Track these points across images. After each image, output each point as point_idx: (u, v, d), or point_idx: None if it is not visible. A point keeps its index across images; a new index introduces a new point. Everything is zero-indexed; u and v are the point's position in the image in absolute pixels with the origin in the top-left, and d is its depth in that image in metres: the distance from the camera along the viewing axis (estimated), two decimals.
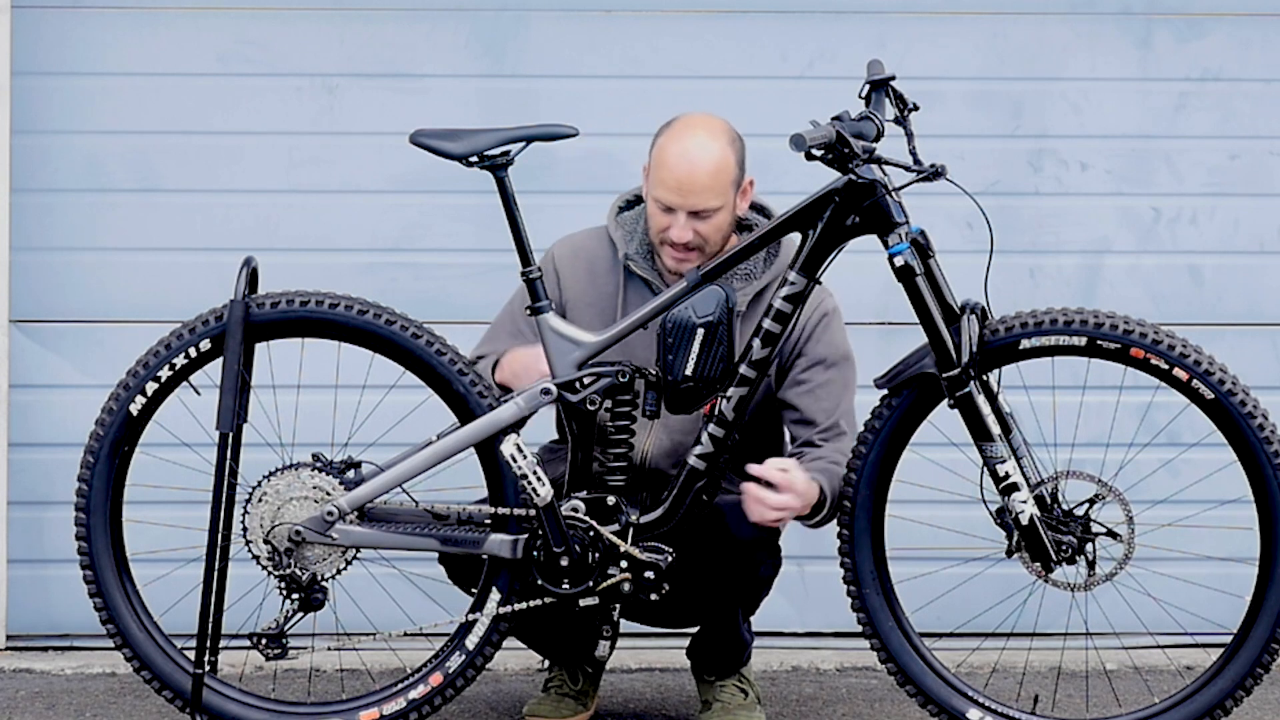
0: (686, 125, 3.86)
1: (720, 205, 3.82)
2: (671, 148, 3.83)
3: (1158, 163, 4.98)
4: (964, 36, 4.95)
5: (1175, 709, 3.77)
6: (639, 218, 4.00)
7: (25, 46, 4.86)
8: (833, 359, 3.93)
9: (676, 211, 3.82)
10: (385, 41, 4.91)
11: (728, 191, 3.83)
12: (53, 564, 4.84)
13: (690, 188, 3.80)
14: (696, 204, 3.80)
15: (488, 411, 3.79)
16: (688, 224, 3.82)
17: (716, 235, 3.85)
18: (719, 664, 4.11)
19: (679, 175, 3.80)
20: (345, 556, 3.81)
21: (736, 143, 3.87)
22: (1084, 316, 3.69)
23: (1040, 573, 3.73)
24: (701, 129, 3.85)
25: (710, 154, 3.81)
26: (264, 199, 4.91)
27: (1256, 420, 3.67)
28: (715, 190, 3.81)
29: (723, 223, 3.84)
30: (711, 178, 3.80)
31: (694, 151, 3.81)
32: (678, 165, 3.80)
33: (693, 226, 3.82)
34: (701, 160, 3.81)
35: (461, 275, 4.90)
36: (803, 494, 3.72)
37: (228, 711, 3.84)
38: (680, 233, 3.82)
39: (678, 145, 3.83)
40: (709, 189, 3.80)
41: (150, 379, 3.83)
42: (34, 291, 4.90)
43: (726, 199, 3.83)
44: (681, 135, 3.84)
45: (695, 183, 3.79)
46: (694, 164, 3.80)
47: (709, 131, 3.85)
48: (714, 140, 3.83)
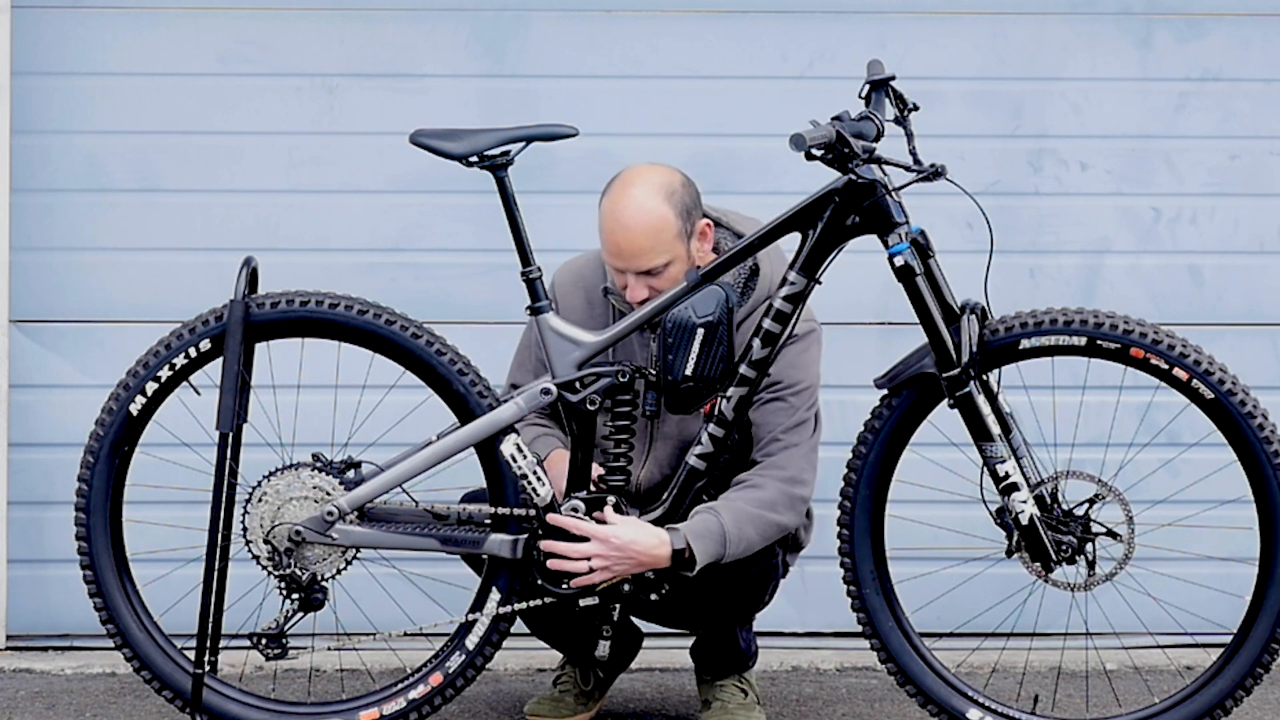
0: (623, 186, 3.79)
1: (668, 260, 3.77)
2: (608, 213, 3.78)
3: (1158, 163, 4.98)
4: (964, 36, 4.95)
5: (1175, 709, 3.77)
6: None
7: (25, 46, 4.86)
8: (789, 382, 3.89)
9: (625, 273, 3.80)
10: (385, 41, 4.91)
11: (674, 245, 3.77)
12: (53, 564, 4.84)
13: (630, 252, 3.76)
14: (641, 265, 3.77)
15: (487, 411, 3.79)
16: (640, 282, 3.79)
17: (673, 285, 3.79)
18: (719, 666, 4.11)
19: (617, 241, 3.76)
20: (345, 556, 3.81)
21: (677, 193, 3.78)
22: (1084, 316, 3.69)
23: (1040, 573, 3.73)
24: (637, 188, 3.77)
25: (645, 215, 3.75)
26: (264, 199, 4.91)
27: (1256, 420, 3.67)
28: (657, 249, 3.76)
29: (676, 274, 3.79)
30: (650, 239, 3.75)
31: (628, 216, 3.75)
32: (614, 232, 3.76)
33: (646, 283, 3.78)
34: (636, 224, 3.75)
35: (461, 275, 4.90)
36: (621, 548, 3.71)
37: (228, 711, 3.85)
38: (635, 292, 3.79)
39: (613, 210, 3.77)
40: (650, 250, 3.76)
41: (150, 379, 3.83)
42: (34, 291, 4.89)
43: (674, 252, 3.78)
44: (617, 200, 3.78)
45: (634, 246, 3.75)
46: (629, 229, 3.75)
47: (645, 189, 3.77)
48: (649, 199, 3.76)
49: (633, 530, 3.73)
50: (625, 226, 3.75)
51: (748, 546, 3.78)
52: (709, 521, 3.75)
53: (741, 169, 4.88)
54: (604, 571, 3.73)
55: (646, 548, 3.72)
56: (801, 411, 3.88)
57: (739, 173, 4.88)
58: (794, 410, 3.87)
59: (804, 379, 3.89)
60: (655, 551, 3.72)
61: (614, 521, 3.74)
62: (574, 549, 3.72)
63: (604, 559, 3.72)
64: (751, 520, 3.77)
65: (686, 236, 3.79)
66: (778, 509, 3.80)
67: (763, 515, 3.78)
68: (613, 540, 3.72)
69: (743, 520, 3.76)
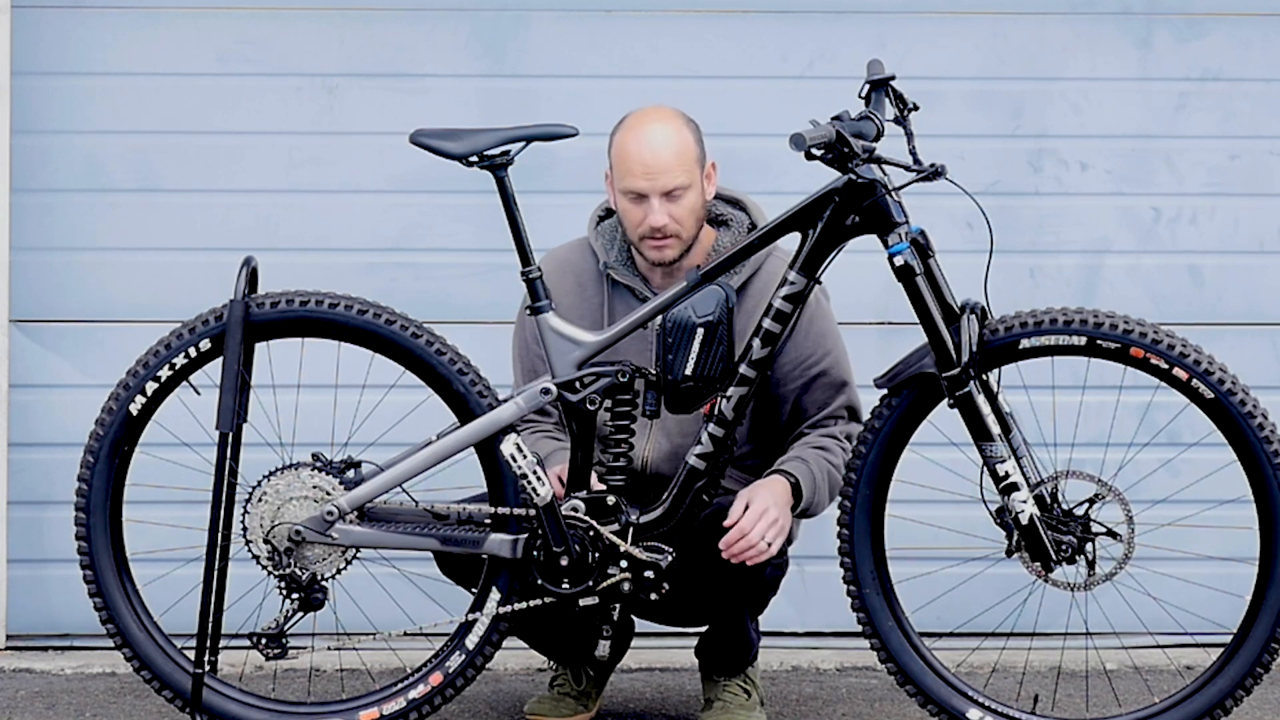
0: (640, 116, 3.92)
1: (689, 183, 3.86)
2: (631, 138, 3.88)
3: (1158, 163, 4.98)
4: (964, 36, 4.95)
5: (1175, 709, 3.76)
6: (616, 226, 4.01)
7: (25, 46, 4.86)
8: (818, 355, 3.95)
9: (649, 198, 3.85)
10: (385, 41, 4.91)
11: (693, 169, 3.88)
12: (53, 564, 4.84)
13: (658, 168, 3.84)
14: (667, 183, 3.84)
15: (487, 411, 3.79)
16: (662, 207, 3.85)
17: (690, 218, 3.88)
18: (727, 663, 4.12)
19: (645, 159, 3.84)
20: (345, 556, 3.81)
21: (692, 124, 3.92)
22: (1084, 316, 3.69)
23: (1040, 572, 3.73)
24: (655, 116, 3.91)
25: (670, 134, 3.87)
26: (264, 199, 4.91)
27: (1256, 420, 3.67)
28: (682, 167, 3.85)
29: (694, 204, 3.88)
30: (676, 156, 3.85)
31: (655, 135, 3.87)
32: (642, 150, 3.85)
33: (667, 210, 3.85)
34: (664, 141, 3.86)
35: (461, 275, 4.90)
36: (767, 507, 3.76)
37: (228, 711, 3.84)
38: (658, 217, 3.85)
39: (637, 134, 3.88)
40: (676, 167, 3.85)
41: (150, 379, 3.83)
42: (34, 291, 4.90)
43: (693, 177, 3.87)
44: (638, 125, 3.90)
45: (661, 162, 3.84)
46: (657, 146, 3.85)
47: (663, 117, 3.91)
48: (670, 123, 3.89)
49: (761, 490, 3.79)
50: (654, 144, 3.85)
51: (819, 503, 3.89)
52: (800, 468, 3.85)
53: (741, 169, 4.87)
54: (780, 537, 3.77)
55: (780, 493, 3.80)
56: (838, 372, 3.97)
57: (739, 173, 4.87)
58: (834, 377, 3.97)
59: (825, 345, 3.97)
60: (785, 494, 3.80)
61: (740, 498, 3.78)
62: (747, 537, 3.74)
63: (774, 526, 3.75)
64: (828, 477, 3.89)
65: (700, 166, 3.89)
66: (841, 469, 3.90)
67: (835, 474, 3.90)
68: (759, 507, 3.75)
69: (823, 475, 3.88)
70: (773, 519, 3.76)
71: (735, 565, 3.81)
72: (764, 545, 3.75)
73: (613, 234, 4.02)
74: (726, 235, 3.97)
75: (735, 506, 3.78)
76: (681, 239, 3.89)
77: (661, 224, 3.85)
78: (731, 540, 3.75)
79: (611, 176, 3.92)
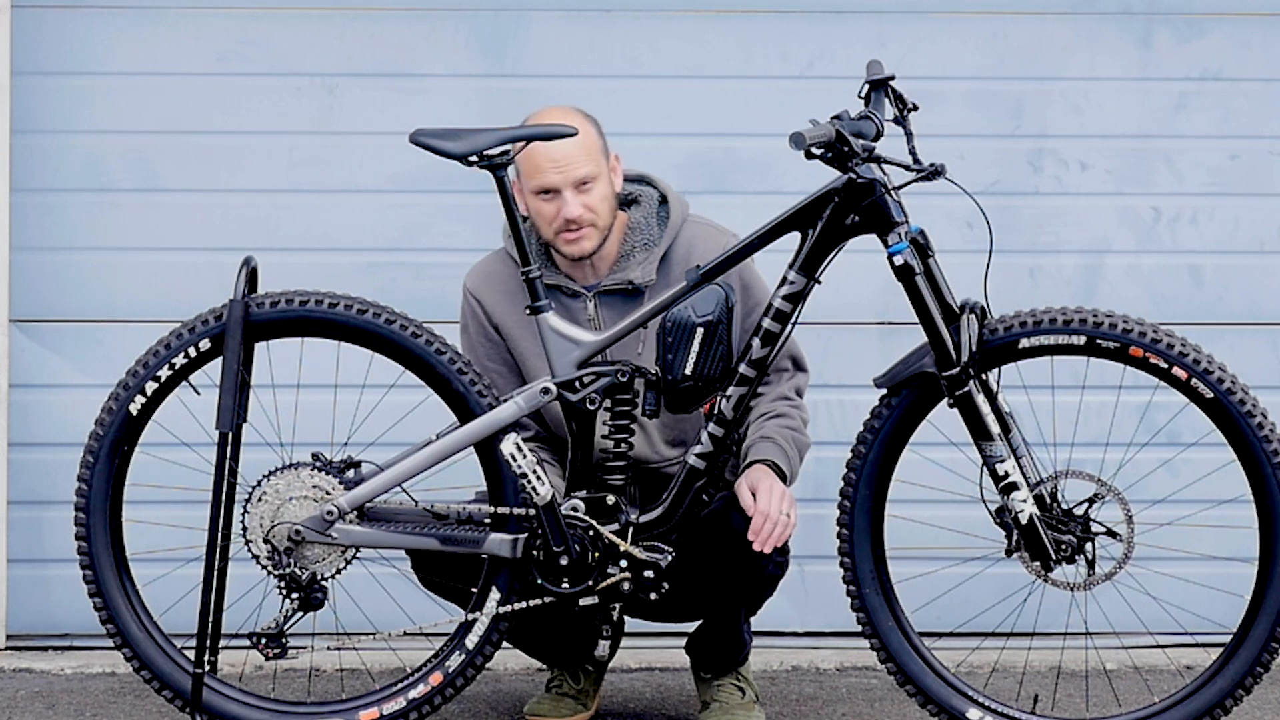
0: (538, 116, 3.95)
1: (597, 173, 3.89)
2: None
3: (1158, 163, 4.98)
4: (964, 36, 4.95)
5: (1175, 709, 3.76)
6: (530, 232, 4.00)
7: (25, 46, 4.86)
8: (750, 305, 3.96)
9: (561, 191, 3.87)
10: (385, 41, 4.92)
11: (599, 159, 3.90)
12: (53, 564, 4.84)
13: (565, 159, 3.86)
14: (576, 173, 3.86)
15: (487, 411, 3.79)
16: (575, 198, 3.88)
17: (604, 206, 3.91)
18: (717, 661, 4.12)
19: (552, 153, 3.86)
20: (345, 556, 3.81)
21: (590, 118, 3.95)
22: (1083, 316, 3.69)
23: (1040, 572, 3.73)
24: (553, 113, 3.93)
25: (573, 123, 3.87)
26: (264, 199, 4.91)
27: (1256, 420, 3.67)
28: (588, 156, 3.88)
29: (606, 193, 3.91)
30: (580, 146, 3.87)
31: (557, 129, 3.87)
32: (549, 145, 3.86)
33: (580, 200, 3.88)
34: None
35: (461, 275, 4.89)
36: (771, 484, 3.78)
37: (228, 711, 3.84)
38: (571, 208, 3.87)
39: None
40: (582, 157, 3.87)
41: (150, 379, 3.83)
42: (34, 291, 4.90)
43: (600, 167, 3.90)
44: (539, 120, 3.92)
45: (568, 154, 3.86)
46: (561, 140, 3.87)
47: (560, 111, 3.93)
48: (569, 115, 3.92)
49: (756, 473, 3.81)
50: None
51: (795, 473, 3.91)
52: (772, 449, 3.87)
53: (741, 169, 4.88)
54: (792, 507, 3.78)
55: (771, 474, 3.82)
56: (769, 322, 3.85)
57: (739, 173, 4.88)
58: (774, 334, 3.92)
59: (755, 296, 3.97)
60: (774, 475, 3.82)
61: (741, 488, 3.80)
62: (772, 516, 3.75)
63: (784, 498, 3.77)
64: (795, 444, 3.92)
65: (605, 157, 3.93)
66: (803, 431, 3.95)
67: (801, 439, 3.94)
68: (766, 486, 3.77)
69: (791, 445, 3.91)
70: (781, 492, 3.79)
71: (738, 561, 3.81)
72: (784, 519, 3.76)
73: (527, 238, 3.99)
74: (638, 211, 4.00)
75: (743, 497, 3.78)
76: (598, 228, 3.91)
77: (576, 214, 3.87)
78: (758, 526, 3.75)
79: (520, 182, 3.93)
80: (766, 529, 3.75)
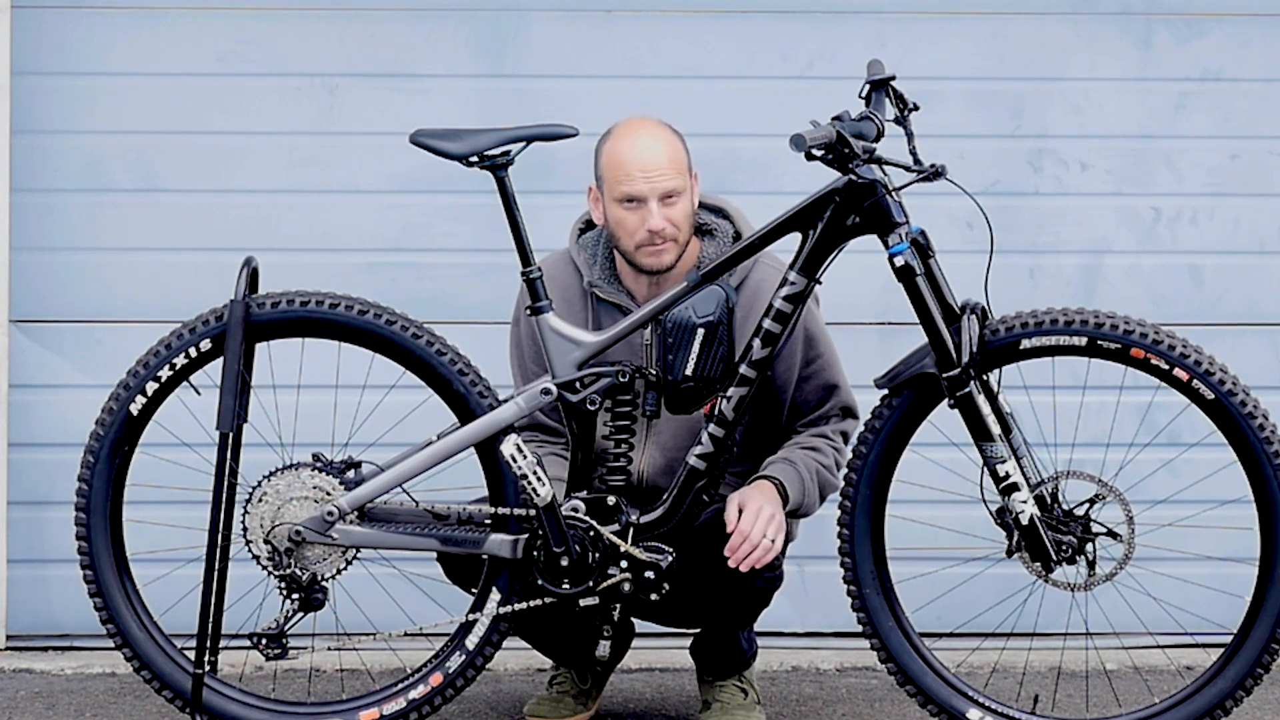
0: (631, 124, 3.93)
1: (683, 188, 3.87)
2: (625, 144, 3.87)
3: (1158, 163, 4.98)
4: (964, 36, 4.95)
5: (1175, 709, 3.76)
6: (599, 240, 4.00)
7: (25, 46, 4.86)
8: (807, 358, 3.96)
9: (647, 201, 3.84)
10: (385, 41, 4.91)
11: (685, 174, 3.89)
12: (53, 564, 4.84)
13: (656, 170, 3.84)
14: (664, 185, 3.84)
15: (488, 411, 3.79)
16: (660, 211, 3.85)
17: (686, 223, 3.89)
18: (719, 666, 4.12)
19: (644, 161, 3.84)
20: (345, 556, 3.81)
21: (678, 133, 3.93)
22: (1084, 316, 3.69)
23: (1040, 573, 3.73)
24: (646, 123, 3.92)
25: (663, 138, 3.88)
26: (264, 199, 4.91)
27: (1256, 420, 3.67)
28: (676, 169, 3.86)
29: (688, 209, 3.89)
30: (670, 157, 3.86)
31: (649, 139, 3.87)
32: (641, 154, 3.85)
33: (664, 214, 3.85)
34: (658, 144, 3.87)
35: (461, 275, 4.90)
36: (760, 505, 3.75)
37: (228, 711, 3.84)
38: (656, 220, 3.84)
39: (631, 140, 3.88)
40: (670, 168, 3.85)
41: (150, 379, 3.83)
42: (34, 291, 4.90)
43: (685, 182, 3.88)
44: (631, 132, 3.90)
45: (658, 163, 3.84)
46: (653, 148, 3.86)
47: (654, 123, 3.92)
48: (661, 128, 3.90)
49: (751, 490, 3.79)
50: (648, 146, 3.86)
51: (809, 503, 3.89)
52: (785, 470, 3.85)
53: (741, 169, 4.88)
54: (779, 532, 3.76)
55: (769, 492, 3.80)
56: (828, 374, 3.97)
57: (739, 173, 4.88)
58: (824, 379, 3.98)
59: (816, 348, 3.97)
60: (774, 494, 3.80)
61: (731, 503, 3.78)
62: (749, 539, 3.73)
63: (771, 522, 3.75)
64: (817, 476, 3.90)
65: (690, 172, 3.90)
66: (834, 471, 3.93)
67: (826, 476, 3.92)
68: (753, 507, 3.75)
69: (811, 474, 3.88)
70: (769, 515, 3.76)
71: (727, 575, 3.80)
72: (766, 543, 3.74)
73: (594, 248, 4.01)
74: (711, 245, 3.96)
75: (729, 511, 3.77)
76: (678, 243, 3.88)
77: (660, 226, 3.84)
78: (735, 545, 3.74)
79: (601, 187, 3.90)
80: (743, 550, 3.74)
